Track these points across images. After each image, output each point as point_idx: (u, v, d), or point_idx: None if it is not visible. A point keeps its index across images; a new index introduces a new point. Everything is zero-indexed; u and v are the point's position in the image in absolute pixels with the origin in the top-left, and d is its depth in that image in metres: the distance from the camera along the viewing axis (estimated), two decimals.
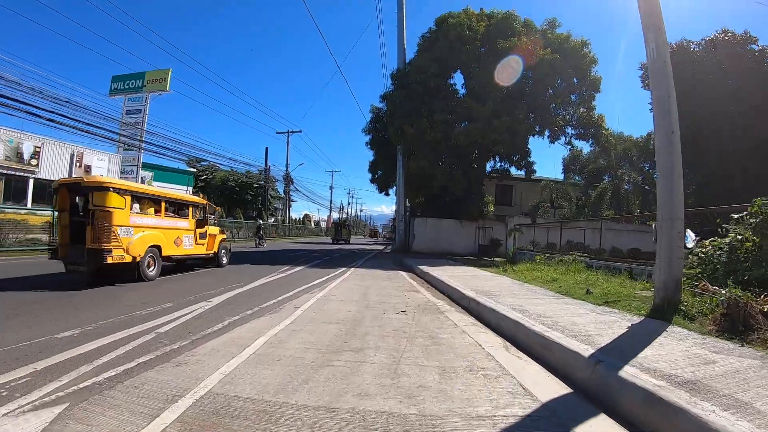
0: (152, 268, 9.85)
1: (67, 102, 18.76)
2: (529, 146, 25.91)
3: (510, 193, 33.51)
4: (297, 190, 44.78)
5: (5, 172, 28.96)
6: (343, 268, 13.71)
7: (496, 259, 21.52)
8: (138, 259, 9.27)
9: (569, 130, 25.60)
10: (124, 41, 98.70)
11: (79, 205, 9.86)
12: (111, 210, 8.78)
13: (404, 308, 6.77)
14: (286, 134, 40.35)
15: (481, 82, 22.02)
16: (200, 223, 12.14)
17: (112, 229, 8.74)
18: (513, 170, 27.54)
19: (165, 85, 39.98)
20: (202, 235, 12.27)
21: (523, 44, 21.41)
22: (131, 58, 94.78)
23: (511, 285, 9.22)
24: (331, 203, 75.66)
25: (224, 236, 14.00)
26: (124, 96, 40.25)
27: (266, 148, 39.81)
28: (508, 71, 21.39)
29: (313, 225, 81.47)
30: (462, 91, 24.90)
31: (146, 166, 48.21)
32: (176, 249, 11.03)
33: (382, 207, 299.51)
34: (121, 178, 39.89)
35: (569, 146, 28.35)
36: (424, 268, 12.85)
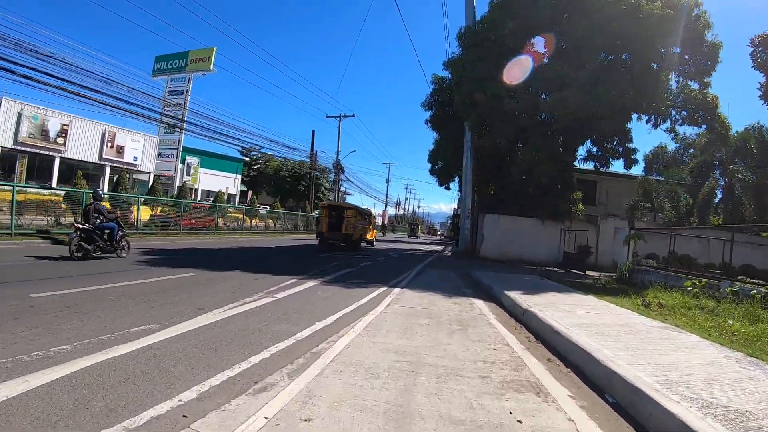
0: (363, 243, 21.65)
1: (62, 60, 15.10)
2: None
3: (594, 190, 26.63)
4: (348, 180, 39.98)
5: (29, 150, 26.43)
6: (381, 288, 8.36)
7: (594, 274, 15.50)
8: (360, 238, 20.63)
9: (673, 113, 18.90)
10: (169, 18, 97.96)
11: (335, 214, 19.40)
12: (354, 217, 19.31)
13: None
14: (338, 119, 35.60)
15: (573, 42, 16.07)
16: (370, 224, 23.44)
17: (354, 225, 19.12)
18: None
19: (209, 65, 36.85)
20: (370, 230, 23.21)
21: None
22: (177, 35, 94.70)
23: (751, 378, 3.57)
24: (387, 197, 70.01)
25: (375, 231, 26.12)
26: (167, 77, 37.54)
27: (313, 131, 35.80)
28: (606, 30, 15.31)
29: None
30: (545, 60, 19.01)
31: (193, 152, 45.77)
32: (365, 237, 22.14)
33: (441, 205, 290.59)
34: (158, 160, 37.21)
35: (672, 134, 21.06)
36: (518, 297, 7.25)
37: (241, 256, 13.26)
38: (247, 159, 66.42)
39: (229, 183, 47.89)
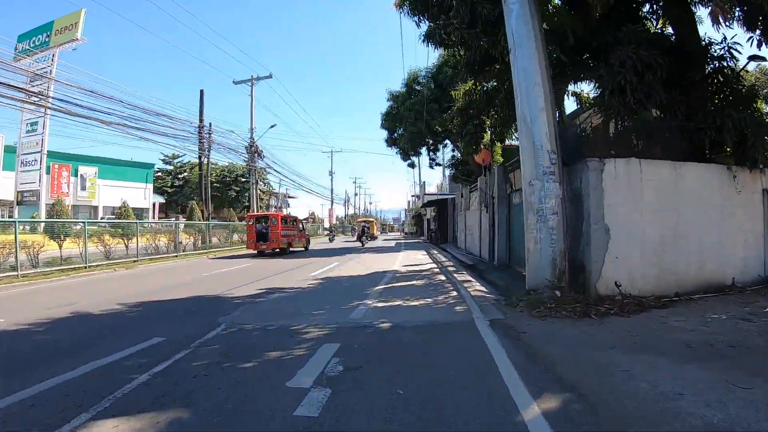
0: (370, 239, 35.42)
1: None
2: None
3: None
4: (272, 170, 28.12)
5: None
6: None
7: None
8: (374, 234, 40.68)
9: None
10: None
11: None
12: (373, 224, 40.23)
13: None
14: (250, 83, 24.56)
15: None
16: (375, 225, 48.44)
17: (374, 227, 41.63)
18: None
19: (76, 33, 26.03)
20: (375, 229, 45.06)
21: None
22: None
23: None
24: (332, 192, 57.66)
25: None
26: (30, 58, 26.01)
27: (201, 91, 24.34)
28: None
29: (310, 225, 54.66)
30: None
31: (87, 159, 34.11)
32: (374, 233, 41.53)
33: (391, 200, 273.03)
34: (20, 171, 25.67)
35: None
36: None
37: None
38: (171, 167, 54.44)
39: (137, 195, 36.48)
